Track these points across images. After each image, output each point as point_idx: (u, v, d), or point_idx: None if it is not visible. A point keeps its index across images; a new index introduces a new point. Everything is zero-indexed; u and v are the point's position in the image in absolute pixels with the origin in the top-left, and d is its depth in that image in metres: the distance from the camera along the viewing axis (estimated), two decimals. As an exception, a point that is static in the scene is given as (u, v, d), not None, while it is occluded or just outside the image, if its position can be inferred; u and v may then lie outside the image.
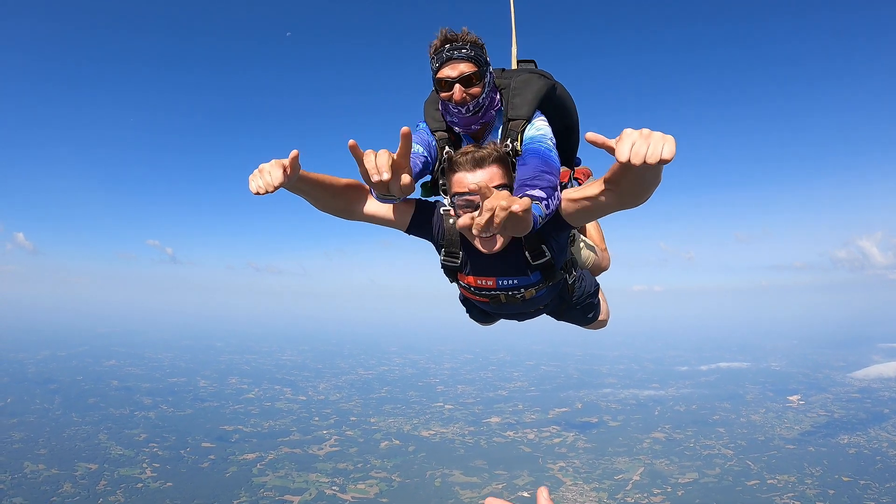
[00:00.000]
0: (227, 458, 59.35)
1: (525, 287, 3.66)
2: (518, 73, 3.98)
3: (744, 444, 65.12)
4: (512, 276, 3.60)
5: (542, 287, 3.71)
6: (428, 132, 3.89)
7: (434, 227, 3.69)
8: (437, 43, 3.53)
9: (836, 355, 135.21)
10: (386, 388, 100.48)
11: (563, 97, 4.06)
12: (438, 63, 3.52)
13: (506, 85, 3.84)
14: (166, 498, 48.99)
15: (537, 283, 3.65)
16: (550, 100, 3.90)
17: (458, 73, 3.48)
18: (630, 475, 57.53)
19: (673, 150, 1.92)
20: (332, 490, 53.05)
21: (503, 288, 3.68)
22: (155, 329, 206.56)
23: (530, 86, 3.78)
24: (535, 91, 3.76)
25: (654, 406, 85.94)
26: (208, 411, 78.20)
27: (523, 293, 3.71)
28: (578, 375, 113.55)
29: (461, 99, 3.53)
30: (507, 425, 76.07)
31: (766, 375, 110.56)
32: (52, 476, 51.70)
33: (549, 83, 3.86)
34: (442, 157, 3.68)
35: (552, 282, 3.72)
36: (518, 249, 3.45)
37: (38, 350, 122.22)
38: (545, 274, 3.61)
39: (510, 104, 3.74)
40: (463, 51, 3.47)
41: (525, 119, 3.65)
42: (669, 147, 1.93)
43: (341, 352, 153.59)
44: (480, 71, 3.51)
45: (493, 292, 3.74)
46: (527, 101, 3.72)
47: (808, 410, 79.93)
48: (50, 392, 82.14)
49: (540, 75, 3.91)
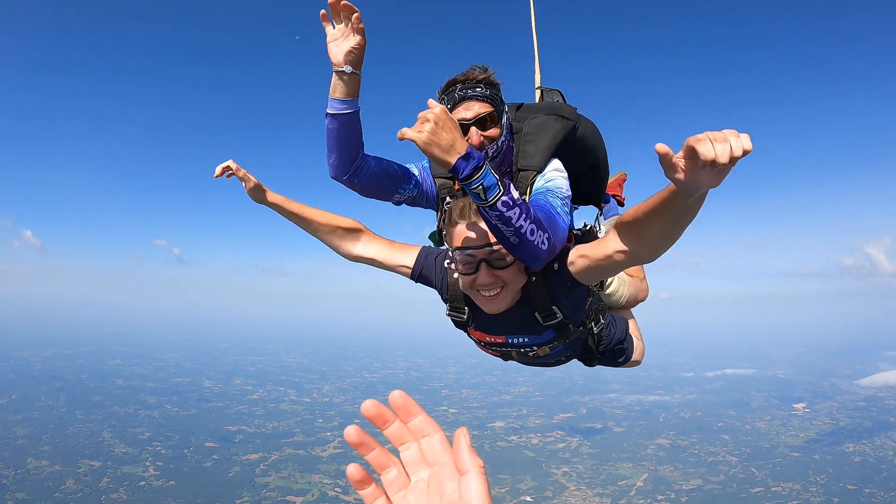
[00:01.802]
0: (230, 458, 59.40)
1: (538, 345, 3.42)
2: (533, 113, 3.54)
3: (748, 452, 64.81)
4: (522, 334, 3.35)
5: (558, 344, 3.44)
6: (429, 173, 3.62)
7: (436, 279, 3.52)
8: (448, 83, 3.26)
9: (842, 363, 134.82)
10: (390, 391, 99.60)
11: (586, 137, 3.64)
12: (451, 104, 3.21)
13: (518, 129, 3.46)
14: (169, 496, 49.07)
15: (551, 340, 3.38)
16: (570, 142, 3.51)
17: (474, 114, 3.17)
18: (634, 481, 57.31)
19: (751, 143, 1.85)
20: (335, 492, 52.95)
21: (513, 346, 3.46)
22: (161, 329, 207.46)
23: (545, 131, 3.40)
24: (551, 137, 3.38)
25: (658, 412, 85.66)
26: (212, 411, 78.31)
27: (536, 351, 3.47)
28: (583, 381, 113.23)
29: (479, 143, 3.18)
30: (511, 430, 75.88)
31: (771, 383, 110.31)
32: (55, 472, 51.85)
33: (567, 125, 3.46)
34: (443, 208, 3.47)
35: (568, 339, 3.41)
36: (527, 309, 3.19)
37: (45, 348, 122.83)
38: (559, 332, 3.33)
39: (521, 152, 3.37)
40: (478, 89, 3.18)
41: (536, 170, 3.30)
42: (746, 139, 1.87)
43: (346, 355, 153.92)
44: (498, 111, 3.21)
45: (503, 348, 3.53)
46: (540, 149, 3.34)
47: (814, 418, 79.54)
48: (55, 390, 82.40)
49: (558, 116, 3.48)
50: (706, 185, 2.00)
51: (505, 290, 2.99)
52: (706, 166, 1.89)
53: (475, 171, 2.55)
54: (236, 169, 3.54)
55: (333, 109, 3.04)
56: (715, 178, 1.97)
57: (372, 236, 3.64)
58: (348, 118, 3.07)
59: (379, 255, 3.58)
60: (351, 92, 3.02)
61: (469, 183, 2.56)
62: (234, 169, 3.54)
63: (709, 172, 1.92)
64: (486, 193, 2.57)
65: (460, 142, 2.56)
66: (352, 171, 3.24)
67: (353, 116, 3.08)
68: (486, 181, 2.56)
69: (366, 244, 3.60)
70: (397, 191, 3.47)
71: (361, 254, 3.61)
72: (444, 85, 3.26)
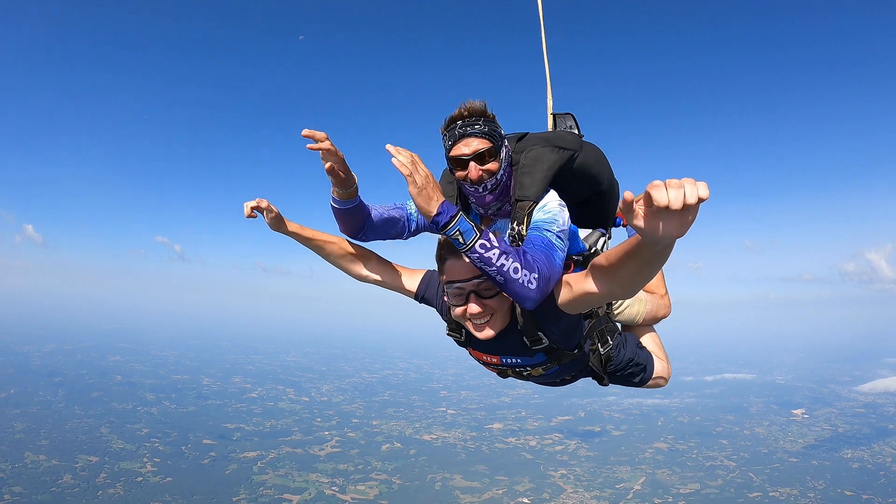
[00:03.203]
0: (227, 456, 59.43)
1: (531, 366, 3.60)
2: (532, 144, 3.65)
3: (746, 457, 64.77)
4: (514, 355, 3.53)
5: (551, 366, 3.59)
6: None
7: (436, 302, 3.84)
8: (448, 121, 3.42)
9: (842, 370, 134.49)
10: (389, 391, 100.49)
11: (588, 164, 3.76)
12: (451, 141, 3.39)
13: (516, 161, 3.60)
14: (166, 493, 49.12)
15: (543, 362, 3.54)
16: (569, 171, 3.66)
17: (473, 150, 3.34)
18: (631, 484, 57.28)
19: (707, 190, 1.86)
20: (332, 490, 53.02)
21: (508, 365, 3.66)
22: (161, 327, 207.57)
23: (540, 163, 3.52)
24: (546, 169, 3.51)
25: (657, 416, 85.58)
26: (211, 409, 78.34)
27: (530, 371, 3.66)
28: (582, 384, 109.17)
29: (478, 177, 3.38)
30: (510, 432, 75.89)
31: (771, 388, 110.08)
32: (52, 467, 51.91)
33: (564, 155, 3.60)
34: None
35: (561, 362, 3.57)
36: (516, 333, 3.35)
37: (45, 343, 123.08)
38: (550, 356, 3.48)
39: (518, 183, 3.50)
40: (476, 126, 3.34)
41: (532, 201, 3.42)
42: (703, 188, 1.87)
43: (346, 355, 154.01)
44: (496, 146, 3.37)
45: (499, 367, 3.74)
46: (535, 180, 3.47)
47: (813, 424, 79.43)
48: (54, 385, 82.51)
49: (554, 147, 3.60)
50: (667, 233, 1.99)
51: (494, 317, 3.18)
52: (661, 212, 1.90)
53: (450, 221, 2.87)
54: (266, 207, 3.72)
55: (335, 204, 3.54)
56: (677, 228, 1.96)
57: (379, 260, 4.00)
58: (349, 211, 3.55)
59: (386, 278, 3.95)
60: (348, 197, 3.49)
61: (446, 231, 2.88)
62: (264, 207, 3.72)
63: (668, 221, 1.93)
64: (463, 237, 2.87)
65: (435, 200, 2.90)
66: (359, 236, 3.76)
67: (353, 210, 3.56)
68: (461, 226, 2.87)
69: (374, 268, 3.95)
70: (401, 232, 3.90)
71: (369, 275, 3.97)
72: (445, 122, 3.43)
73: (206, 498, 48.95)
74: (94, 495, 47.72)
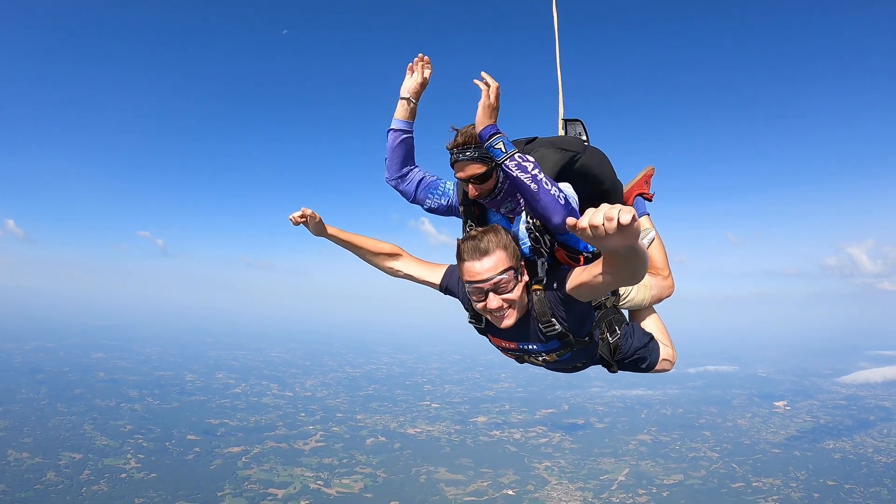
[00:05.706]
0: (212, 451, 59.16)
1: (545, 352, 3.86)
2: (538, 147, 4.05)
3: (729, 448, 65.47)
4: (530, 342, 3.80)
5: (565, 352, 3.85)
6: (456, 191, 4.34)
7: (459, 293, 4.13)
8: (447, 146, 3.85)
9: (823, 363, 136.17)
10: (373, 386, 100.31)
11: (590, 166, 4.16)
12: (451, 164, 3.86)
13: None
14: (150, 489, 48.81)
15: (557, 349, 3.81)
16: (571, 171, 4.02)
17: (468, 175, 3.77)
18: (615, 476, 57.71)
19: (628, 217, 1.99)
20: (317, 484, 52.96)
21: (524, 351, 3.94)
22: (144, 323, 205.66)
23: (545, 162, 3.85)
24: (550, 168, 3.86)
25: (640, 408, 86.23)
26: (194, 405, 77.89)
27: (545, 357, 3.92)
28: (566, 377, 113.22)
29: (475, 196, 3.86)
30: (494, 425, 76.09)
31: (753, 381, 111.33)
32: (35, 464, 51.44)
33: (566, 156, 4.00)
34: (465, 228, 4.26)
35: (574, 348, 3.85)
36: (532, 320, 3.65)
37: (27, 340, 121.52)
38: (563, 342, 3.75)
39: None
40: (468, 153, 3.72)
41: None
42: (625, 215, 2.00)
43: (330, 350, 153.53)
44: (488, 168, 3.71)
45: (517, 353, 4.04)
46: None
47: (795, 416, 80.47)
48: (36, 382, 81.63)
49: (557, 149, 4.02)
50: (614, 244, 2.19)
51: (512, 308, 3.44)
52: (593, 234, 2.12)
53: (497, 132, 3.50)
54: (311, 214, 4.13)
55: (393, 126, 4.16)
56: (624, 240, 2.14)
57: (409, 257, 4.46)
58: (402, 135, 4.16)
59: (414, 273, 4.38)
60: (407, 116, 4.15)
61: (492, 140, 3.48)
62: (308, 215, 4.13)
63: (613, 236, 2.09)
64: (505, 147, 3.46)
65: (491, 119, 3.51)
66: (398, 177, 4.31)
67: (407, 135, 4.18)
68: (504, 140, 3.48)
69: (404, 264, 4.43)
70: (429, 197, 4.37)
71: (399, 270, 4.44)
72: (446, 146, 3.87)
73: (190, 493, 48.73)
74: (78, 492, 47.35)
